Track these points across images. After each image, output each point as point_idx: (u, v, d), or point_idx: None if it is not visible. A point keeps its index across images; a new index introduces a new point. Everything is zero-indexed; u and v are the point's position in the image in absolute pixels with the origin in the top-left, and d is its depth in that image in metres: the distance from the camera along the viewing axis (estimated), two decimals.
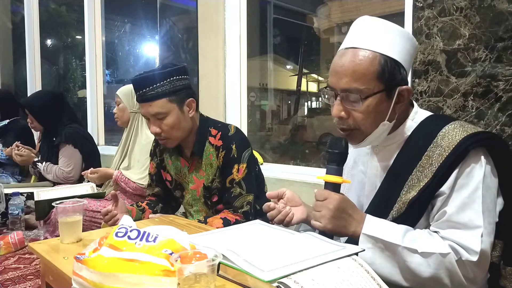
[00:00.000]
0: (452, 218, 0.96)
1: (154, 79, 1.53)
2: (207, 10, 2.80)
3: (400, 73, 1.01)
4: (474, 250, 0.93)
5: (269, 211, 1.15)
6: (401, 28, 1.04)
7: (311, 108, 4.83)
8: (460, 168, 0.97)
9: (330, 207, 1.00)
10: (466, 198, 0.96)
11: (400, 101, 1.04)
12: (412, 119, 1.09)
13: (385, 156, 1.11)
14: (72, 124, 2.90)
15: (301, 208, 1.19)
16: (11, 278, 1.94)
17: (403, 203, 1.02)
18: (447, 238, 0.96)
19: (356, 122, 1.03)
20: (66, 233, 1.17)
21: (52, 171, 2.78)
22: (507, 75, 1.55)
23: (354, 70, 0.99)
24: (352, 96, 1.00)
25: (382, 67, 0.99)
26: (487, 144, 0.99)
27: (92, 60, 4.04)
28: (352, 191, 1.20)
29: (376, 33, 1.02)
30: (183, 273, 0.72)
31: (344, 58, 1.02)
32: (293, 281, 0.74)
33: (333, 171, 1.05)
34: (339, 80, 1.01)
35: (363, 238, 0.99)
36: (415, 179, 1.01)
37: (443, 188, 0.97)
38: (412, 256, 0.95)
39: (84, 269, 0.81)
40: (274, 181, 2.39)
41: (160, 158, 1.83)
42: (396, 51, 1.01)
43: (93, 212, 2.08)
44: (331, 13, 3.90)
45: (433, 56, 1.72)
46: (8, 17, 5.22)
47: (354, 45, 1.02)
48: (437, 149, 0.99)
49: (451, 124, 1.02)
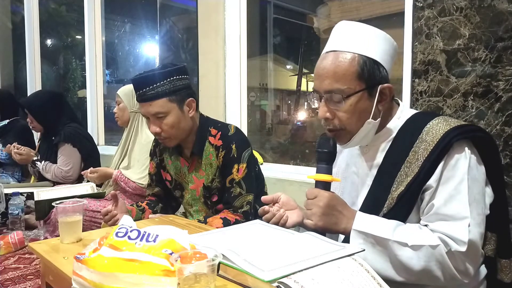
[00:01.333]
0: (439, 210, 0.99)
1: (154, 79, 1.53)
2: (207, 10, 2.80)
3: (379, 71, 1.05)
4: (462, 241, 0.94)
5: (264, 215, 1.17)
6: (379, 30, 1.09)
7: (311, 108, 4.82)
8: (445, 161, 1.00)
9: (320, 205, 1.03)
10: (452, 190, 0.98)
11: (383, 99, 1.07)
12: (398, 117, 1.12)
13: (375, 155, 1.13)
14: (71, 123, 2.90)
15: (297, 211, 1.20)
16: (11, 278, 1.94)
17: (393, 199, 1.04)
18: (436, 231, 0.98)
19: (341, 122, 1.07)
20: (66, 233, 1.17)
21: (51, 170, 2.78)
22: (507, 75, 1.55)
23: (335, 72, 1.04)
24: (335, 97, 1.04)
25: (361, 67, 1.03)
26: (471, 136, 1.02)
27: (92, 60, 4.04)
28: (346, 193, 1.22)
29: (354, 36, 1.06)
30: (183, 273, 0.72)
31: (325, 61, 1.06)
32: (293, 281, 0.74)
33: (323, 170, 1.09)
34: (322, 83, 1.06)
35: (354, 234, 1.02)
36: (403, 175, 1.04)
37: (430, 181, 1.00)
38: (403, 250, 0.97)
39: (84, 269, 0.81)
40: (274, 181, 2.39)
41: (160, 158, 1.83)
42: (374, 52, 1.05)
43: (93, 212, 2.08)
44: (331, 13, 3.89)
45: (433, 56, 1.72)
46: (8, 17, 5.22)
47: (335, 48, 1.07)
48: (422, 144, 1.02)
49: (435, 119, 1.05)
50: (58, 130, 2.84)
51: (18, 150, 2.88)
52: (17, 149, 2.89)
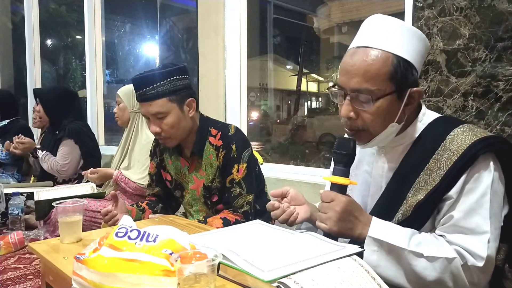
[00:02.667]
0: (459, 222, 0.96)
1: (154, 79, 1.53)
2: (207, 10, 2.80)
3: (412, 74, 0.99)
4: (480, 256, 0.92)
5: (273, 210, 1.13)
6: (414, 28, 1.03)
7: (311, 108, 4.83)
8: (469, 173, 0.96)
9: (337, 209, 0.98)
10: (473, 203, 0.95)
11: (410, 103, 1.02)
12: (420, 120, 1.08)
13: (392, 157, 1.09)
14: (77, 121, 2.96)
15: (305, 207, 1.17)
16: (11, 278, 1.94)
17: (410, 206, 1.01)
18: (453, 243, 0.95)
19: (365, 123, 1.01)
20: (66, 233, 1.17)
21: (49, 161, 2.83)
22: (507, 75, 1.55)
23: (366, 70, 0.97)
24: (363, 97, 0.98)
25: (395, 68, 0.97)
26: (497, 149, 0.98)
27: (92, 60, 4.04)
28: (356, 191, 1.18)
29: (388, 33, 0.99)
30: (183, 273, 0.72)
31: (355, 57, 0.99)
32: (293, 281, 0.74)
33: (340, 172, 1.03)
34: (350, 80, 0.99)
35: (369, 241, 0.98)
36: (422, 182, 1.00)
37: (451, 192, 0.96)
38: (418, 260, 0.94)
39: (84, 269, 0.81)
40: (274, 181, 2.39)
41: (160, 158, 1.83)
42: (409, 52, 0.99)
43: (93, 212, 2.08)
44: (331, 13, 3.90)
45: (433, 56, 1.72)
46: (8, 17, 5.22)
47: (366, 44, 0.99)
48: (446, 153, 0.98)
49: (460, 127, 1.01)
50: (63, 126, 2.89)
51: (20, 139, 2.94)
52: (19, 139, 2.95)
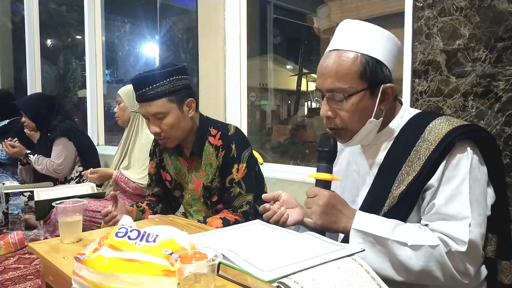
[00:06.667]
0: (440, 210, 0.98)
1: (153, 79, 1.53)
2: (207, 10, 2.80)
3: (382, 71, 1.05)
4: (462, 240, 0.94)
5: (264, 212, 1.17)
6: (382, 29, 1.08)
7: (311, 108, 4.82)
8: (447, 160, 0.99)
9: (320, 203, 1.03)
10: (454, 190, 0.98)
11: (385, 99, 1.08)
12: (401, 116, 1.12)
13: (376, 154, 1.13)
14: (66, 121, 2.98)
15: (298, 210, 1.20)
16: (11, 278, 1.94)
17: (394, 198, 1.04)
18: (436, 230, 0.98)
19: (343, 120, 1.07)
20: (66, 233, 1.17)
21: (43, 163, 2.84)
22: (507, 75, 1.55)
23: (337, 71, 1.04)
24: (337, 96, 1.05)
25: (363, 66, 1.03)
26: (473, 136, 1.02)
27: (92, 60, 4.04)
28: (347, 191, 1.22)
29: (358, 35, 1.06)
30: (183, 273, 0.72)
31: (328, 60, 1.07)
32: (293, 281, 0.74)
33: (323, 168, 1.09)
34: (324, 81, 1.06)
35: (353, 233, 1.02)
36: (404, 174, 1.03)
37: (431, 181, 1.00)
38: (402, 249, 0.97)
39: (84, 269, 0.81)
40: (274, 181, 2.39)
41: (159, 158, 1.83)
42: (377, 51, 1.05)
43: (93, 212, 2.08)
44: (331, 13, 3.89)
45: (433, 56, 1.72)
46: (8, 17, 5.22)
47: (338, 47, 1.07)
48: (424, 143, 1.02)
49: (438, 119, 1.05)
50: (54, 126, 2.91)
51: (11, 143, 2.95)
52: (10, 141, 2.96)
